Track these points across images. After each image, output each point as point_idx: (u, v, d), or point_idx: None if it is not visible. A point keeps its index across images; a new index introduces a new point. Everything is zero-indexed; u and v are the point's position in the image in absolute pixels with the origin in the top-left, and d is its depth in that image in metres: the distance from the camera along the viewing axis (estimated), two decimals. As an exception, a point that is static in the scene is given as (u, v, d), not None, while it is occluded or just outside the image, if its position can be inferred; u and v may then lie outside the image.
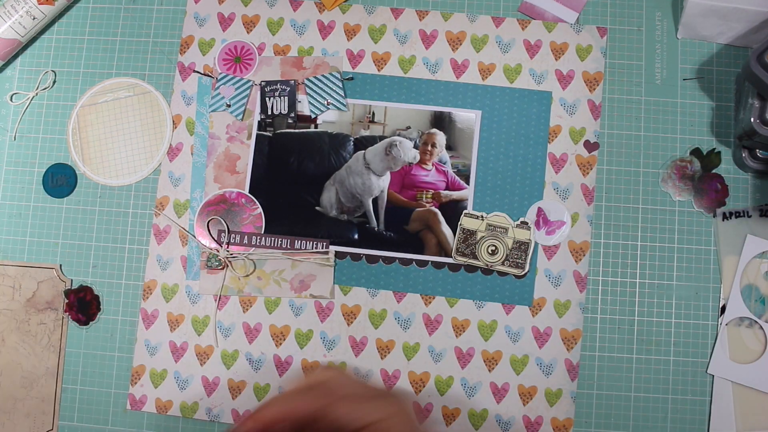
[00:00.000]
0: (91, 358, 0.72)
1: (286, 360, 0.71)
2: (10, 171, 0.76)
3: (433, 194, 0.71)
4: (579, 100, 0.71)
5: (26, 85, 0.77)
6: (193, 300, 0.72)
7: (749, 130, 0.65)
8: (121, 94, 0.75)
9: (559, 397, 0.68)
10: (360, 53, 0.74)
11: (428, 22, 0.73)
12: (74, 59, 0.77)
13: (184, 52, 0.75)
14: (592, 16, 0.73)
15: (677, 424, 0.68)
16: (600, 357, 0.69)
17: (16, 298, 0.73)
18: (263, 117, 0.73)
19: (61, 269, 0.74)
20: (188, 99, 0.74)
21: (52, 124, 0.76)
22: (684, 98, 0.72)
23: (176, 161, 0.74)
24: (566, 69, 0.72)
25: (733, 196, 0.70)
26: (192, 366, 0.71)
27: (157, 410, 0.71)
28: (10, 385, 0.73)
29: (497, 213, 0.70)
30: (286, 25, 0.75)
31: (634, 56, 0.72)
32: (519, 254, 0.69)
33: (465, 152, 0.71)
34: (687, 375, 0.68)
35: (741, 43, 0.71)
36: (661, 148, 0.71)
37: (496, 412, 0.69)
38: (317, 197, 0.72)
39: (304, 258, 0.71)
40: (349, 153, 0.72)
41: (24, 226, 0.75)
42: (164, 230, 0.73)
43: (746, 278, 0.69)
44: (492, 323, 0.69)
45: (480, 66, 0.72)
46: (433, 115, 0.72)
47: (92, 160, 0.75)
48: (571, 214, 0.70)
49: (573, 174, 0.70)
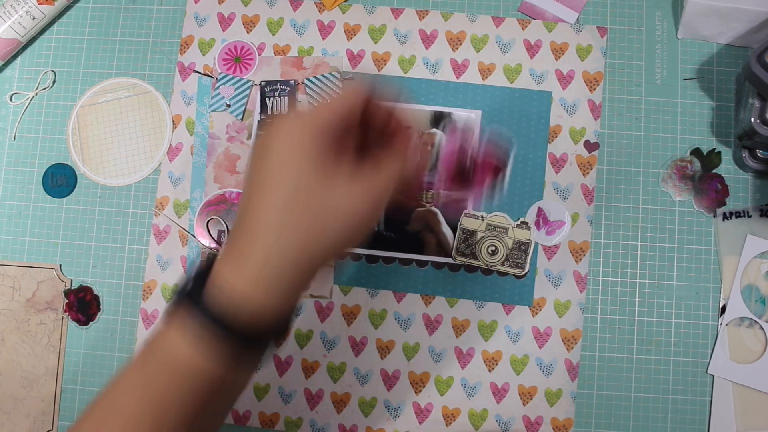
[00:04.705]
0: (91, 358, 0.72)
1: (286, 360, 0.71)
2: (10, 171, 0.76)
3: (433, 194, 0.71)
4: (579, 100, 0.71)
5: (26, 85, 0.77)
6: (193, 300, 0.72)
7: (749, 130, 0.65)
8: (121, 94, 0.75)
9: (559, 397, 0.68)
10: (360, 53, 0.74)
11: (428, 22, 0.73)
12: (74, 59, 0.77)
13: (184, 52, 0.75)
14: (592, 16, 0.73)
15: (677, 424, 0.68)
16: (600, 357, 0.69)
17: (16, 298, 0.73)
18: (263, 117, 0.73)
19: (61, 269, 0.74)
20: (188, 99, 0.74)
21: (52, 124, 0.76)
22: (684, 98, 0.72)
23: (176, 161, 0.74)
24: (566, 69, 0.72)
25: (733, 196, 0.70)
26: (192, 366, 0.71)
27: (157, 410, 0.71)
28: (10, 385, 0.73)
29: (497, 213, 0.70)
30: (286, 25, 0.75)
31: (634, 56, 0.72)
32: (519, 254, 0.69)
33: (465, 152, 0.71)
34: (687, 375, 0.68)
35: (741, 43, 0.71)
36: (661, 148, 0.71)
37: (496, 412, 0.69)
38: (317, 197, 0.72)
39: (304, 258, 0.71)
40: (349, 153, 0.72)
41: (24, 226, 0.75)
42: (164, 230, 0.73)
43: (746, 278, 0.69)
44: (492, 323, 0.69)
45: (480, 66, 0.72)
46: (433, 114, 0.72)
47: (92, 160, 0.74)
48: (571, 214, 0.70)
49: (573, 174, 0.70)
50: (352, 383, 0.70)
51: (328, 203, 0.45)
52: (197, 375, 0.44)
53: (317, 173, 0.45)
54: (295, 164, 0.45)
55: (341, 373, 0.70)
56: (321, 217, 0.45)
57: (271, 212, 0.45)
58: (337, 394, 0.70)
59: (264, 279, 0.44)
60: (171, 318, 0.45)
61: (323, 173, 0.45)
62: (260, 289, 0.44)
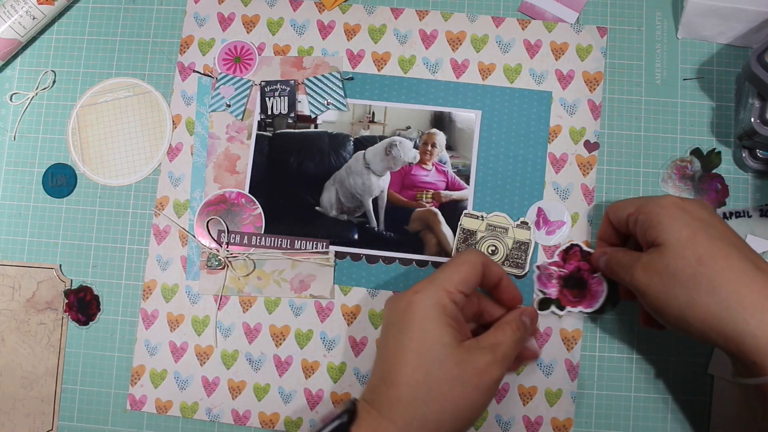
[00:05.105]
0: (90, 358, 0.73)
1: (286, 360, 0.71)
2: (10, 171, 0.76)
3: (433, 194, 0.71)
4: (579, 100, 0.71)
5: (26, 85, 0.77)
6: (193, 300, 0.72)
7: (749, 130, 0.65)
8: (121, 94, 0.75)
9: (559, 397, 0.68)
10: (360, 53, 0.74)
11: (428, 22, 0.73)
12: (74, 59, 0.77)
13: (183, 52, 0.75)
14: (592, 16, 0.73)
15: (677, 424, 0.68)
16: (600, 357, 0.69)
17: (16, 298, 0.73)
18: (263, 117, 0.73)
19: (61, 269, 0.74)
20: (188, 99, 0.74)
21: (52, 124, 0.76)
22: (684, 98, 0.71)
23: (176, 161, 0.74)
24: (566, 69, 0.72)
25: (733, 196, 0.70)
26: (192, 366, 0.71)
27: (157, 410, 0.71)
28: (10, 385, 0.73)
29: (497, 213, 0.70)
30: (286, 25, 0.75)
31: (634, 56, 0.72)
32: (519, 254, 0.69)
33: (465, 152, 0.71)
34: (687, 375, 0.68)
35: (741, 43, 0.71)
36: (661, 148, 0.71)
37: (496, 413, 0.69)
38: (317, 197, 0.72)
39: (304, 258, 0.71)
40: (349, 153, 0.72)
41: (24, 226, 0.75)
42: (164, 230, 0.73)
43: (746, 278, 0.68)
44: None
45: (480, 66, 0.72)
46: (433, 115, 0.72)
47: (92, 160, 0.74)
48: (571, 214, 0.70)
49: (573, 174, 0.70)
50: (352, 383, 0.70)
51: (458, 373, 0.53)
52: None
53: (448, 345, 0.53)
54: (431, 340, 0.53)
55: (341, 373, 0.70)
56: (453, 390, 0.53)
57: (409, 390, 0.53)
58: (337, 394, 0.70)
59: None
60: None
61: (455, 344, 0.54)
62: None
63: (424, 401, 0.52)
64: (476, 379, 0.53)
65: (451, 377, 0.52)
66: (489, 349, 0.55)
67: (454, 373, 0.52)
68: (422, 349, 0.53)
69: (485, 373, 0.53)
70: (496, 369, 0.54)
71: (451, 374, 0.52)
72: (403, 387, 0.52)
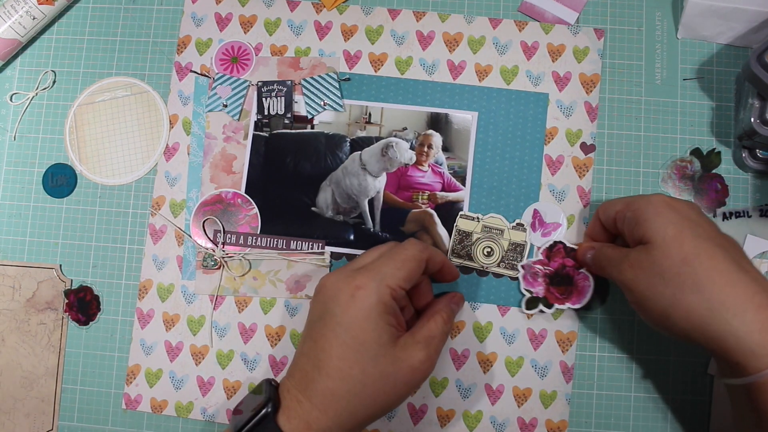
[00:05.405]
0: (90, 358, 0.73)
1: (281, 360, 0.71)
2: (10, 171, 0.76)
3: (429, 195, 0.71)
4: (575, 102, 0.71)
5: (26, 85, 0.77)
6: (189, 300, 0.72)
7: (749, 130, 0.64)
8: (119, 93, 0.76)
9: (554, 399, 0.68)
10: (357, 54, 0.73)
11: (425, 23, 0.73)
12: (74, 59, 0.77)
13: (181, 52, 0.75)
14: (592, 16, 0.72)
15: (677, 424, 0.67)
16: (599, 357, 0.68)
17: (16, 298, 0.74)
18: (260, 117, 0.73)
19: (61, 269, 0.74)
20: (185, 99, 0.75)
21: (52, 124, 0.76)
22: (684, 98, 0.71)
23: (173, 161, 0.74)
24: (563, 71, 0.71)
25: (733, 196, 0.69)
26: (187, 366, 0.71)
27: (152, 410, 0.71)
28: (10, 385, 0.73)
29: (493, 214, 0.70)
30: (283, 25, 0.75)
31: (633, 56, 0.72)
32: (515, 256, 0.69)
33: (461, 153, 0.71)
34: (687, 375, 0.68)
35: (741, 43, 0.70)
36: (661, 148, 0.71)
37: (490, 414, 0.68)
38: (313, 198, 0.72)
39: (300, 258, 0.71)
40: (345, 154, 0.72)
41: (24, 226, 0.75)
42: (160, 230, 0.73)
43: (745, 280, 0.68)
44: (487, 325, 0.69)
45: (477, 67, 0.72)
46: (430, 116, 0.72)
47: (89, 159, 0.75)
48: (567, 216, 0.70)
49: (569, 176, 0.70)
50: (348, 384, 0.70)
51: (393, 371, 0.55)
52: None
53: (386, 344, 0.55)
54: (370, 340, 0.55)
55: (337, 373, 0.70)
56: (386, 386, 0.55)
57: (344, 384, 0.54)
58: (332, 394, 0.70)
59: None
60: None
61: (392, 343, 0.56)
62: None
63: (357, 396, 0.54)
64: (409, 376, 0.55)
65: (386, 374, 0.54)
66: (424, 344, 0.57)
67: (390, 371, 0.55)
68: (361, 348, 0.54)
69: (418, 371, 0.56)
70: (430, 365, 0.57)
71: (386, 372, 0.54)
72: (338, 381, 0.54)
